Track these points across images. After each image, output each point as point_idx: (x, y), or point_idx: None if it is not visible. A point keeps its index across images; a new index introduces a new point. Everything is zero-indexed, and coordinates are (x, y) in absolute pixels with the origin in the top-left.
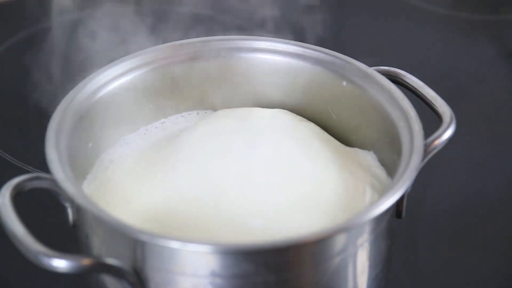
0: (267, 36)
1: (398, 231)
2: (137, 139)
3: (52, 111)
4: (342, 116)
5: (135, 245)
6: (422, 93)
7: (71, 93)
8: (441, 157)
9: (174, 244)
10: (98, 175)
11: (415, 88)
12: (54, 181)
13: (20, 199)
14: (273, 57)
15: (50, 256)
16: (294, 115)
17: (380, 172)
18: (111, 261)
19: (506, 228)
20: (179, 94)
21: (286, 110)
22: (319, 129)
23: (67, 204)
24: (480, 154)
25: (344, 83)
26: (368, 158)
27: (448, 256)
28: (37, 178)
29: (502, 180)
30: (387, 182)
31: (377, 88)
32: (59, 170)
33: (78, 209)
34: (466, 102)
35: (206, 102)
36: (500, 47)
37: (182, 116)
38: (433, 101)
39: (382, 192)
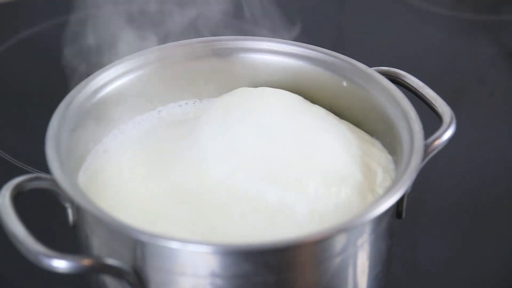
0: (267, 37)
1: (398, 231)
2: (131, 128)
3: (53, 111)
4: (342, 116)
5: (135, 245)
6: (422, 93)
7: (72, 93)
8: (441, 157)
9: (174, 244)
10: (92, 165)
11: (415, 88)
12: (54, 181)
13: (20, 199)
14: (273, 57)
15: (50, 256)
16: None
17: (386, 156)
18: (111, 261)
19: (506, 228)
20: (178, 91)
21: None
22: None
23: (67, 204)
24: (480, 154)
25: (344, 83)
26: (375, 141)
27: (448, 256)
28: (37, 178)
29: (502, 180)
30: (393, 166)
31: (377, 88)
32: (59, 170)
33: (78, 209)
34: (466, 102)
35: (205, 98)
36: (500, 47)
37: (180, 106)
38: (433, 101)
39: (391, 175)
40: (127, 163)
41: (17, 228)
